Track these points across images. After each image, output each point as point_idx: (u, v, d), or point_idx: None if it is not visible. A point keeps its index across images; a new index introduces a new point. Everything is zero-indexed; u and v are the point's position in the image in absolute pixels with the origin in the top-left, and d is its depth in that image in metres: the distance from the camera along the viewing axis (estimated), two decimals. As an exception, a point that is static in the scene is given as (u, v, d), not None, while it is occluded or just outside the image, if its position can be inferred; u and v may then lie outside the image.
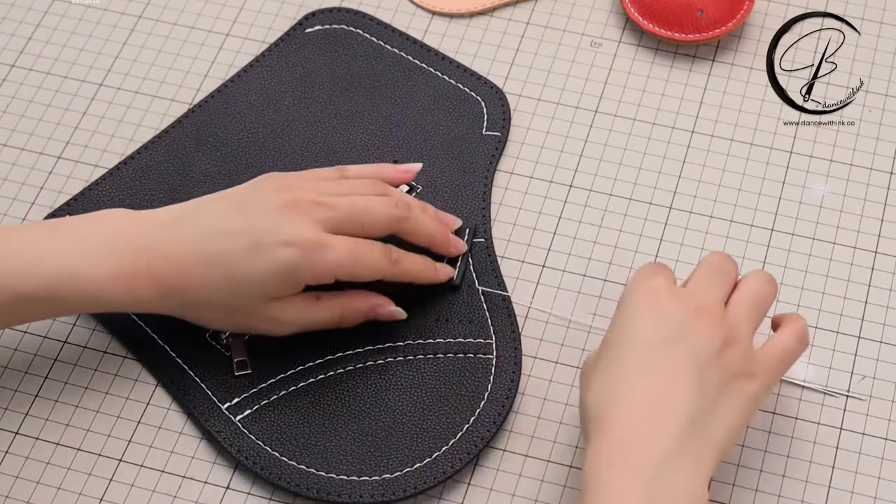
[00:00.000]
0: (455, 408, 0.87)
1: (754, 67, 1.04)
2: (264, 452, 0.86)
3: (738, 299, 0.82)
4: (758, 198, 0.98)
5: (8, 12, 1.08)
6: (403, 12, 1.07)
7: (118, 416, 0.89)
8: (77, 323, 0.93)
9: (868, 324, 0.92)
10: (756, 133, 1.01)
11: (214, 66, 1.05)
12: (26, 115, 1.03)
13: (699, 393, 0.77)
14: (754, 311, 0.82)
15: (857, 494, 0.86)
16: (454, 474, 0.85)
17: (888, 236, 0.96)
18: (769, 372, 0.80)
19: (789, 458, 0.87)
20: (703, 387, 0.77)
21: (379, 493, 0.84)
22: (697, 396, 0.77)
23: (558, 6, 1.07)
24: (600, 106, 1.02)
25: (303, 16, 1.06)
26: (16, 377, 0.91)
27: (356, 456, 0.86)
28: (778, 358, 0.81)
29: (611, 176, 0.99)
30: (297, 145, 0.99)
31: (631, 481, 0.74)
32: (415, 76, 1.03)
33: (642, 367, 0.78)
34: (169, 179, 0.97)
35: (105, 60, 1.06)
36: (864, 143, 1.00)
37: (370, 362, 0.89)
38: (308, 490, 0.85)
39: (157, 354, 0.90)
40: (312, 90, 1.02)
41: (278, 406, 0.88)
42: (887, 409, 0.89)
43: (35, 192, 0.99)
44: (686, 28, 1.03)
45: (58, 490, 0.87)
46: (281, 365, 0.89)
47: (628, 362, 0.78)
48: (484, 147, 0.99)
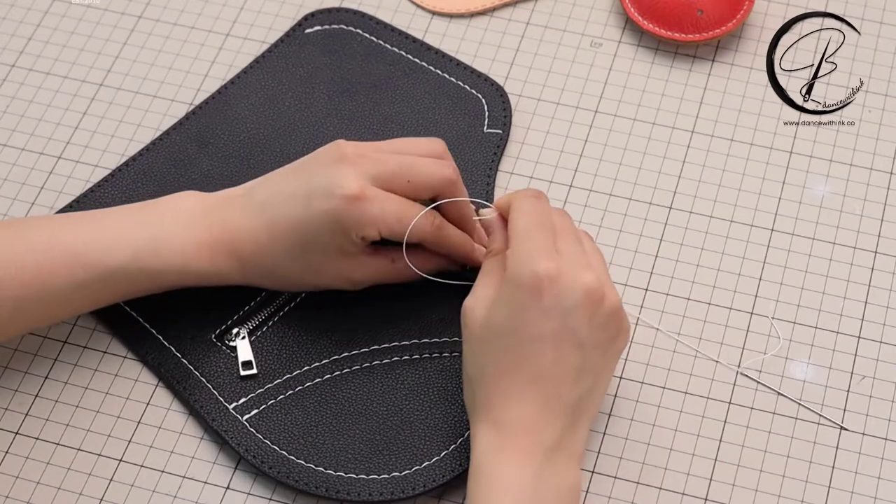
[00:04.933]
0: (461, 407, 0.87)
1: (754, 67, 1.04)
2: (272, 451, 0.86)
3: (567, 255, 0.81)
4: (758, 198, 0.98)
5: (8, 12, 1.08)
6: (403, 12, 1.07)
7: (118, 416, 0.89)
8: (77, 323, 0.93)
9: (868, 324, 0.92)
10: (756, 133, 1.01)
11: (214, 66, 1.05)
12: (26, 115, 1.03)
13: (582, 376, 0.80)
14: (578, 246, 0.81)
15: (857, 494, 0.86)
16: (462, 473, 0.85)
17: (888, 236, 0.96)
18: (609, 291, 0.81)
19: (789, 458, 0.87)
20: (585, 368, 0.80)
21: (388, 490, 0.84)
22: (581, 381, 0.80)
23: (558, 6, 1.07)
24: (600, 106, 1.02)
25: (303, 16, 1.06)
26: (16, 377, 0.91)
27: (364, 454, 0.86)
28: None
29: (611, 176, 0.99)
30: (299, 145, 0.99)
31: (522, 471, 0.77)
32: (415, 75, 1.03)
33: (529, 357, 0.79)
34: (171, 181, 0.97)
35: (105, 60, 1.06)
36: (864, 143, 1.00)
37: (376, 362, 0.89)
38: (317, 488, 0.85)
39: (163, 355, 0.90)
40: (313, 90, 1.02)
41: (285, 405, 0.88)
42: (887, 409, 0.89)
43: (35, 192, 0.99)
44: (686, 28, 1.03)
45: (58, 490, 0.86)
46: (287, 365, 0.90)
47: (514, 352, 0.79)
48: (486, 145, 0.99)
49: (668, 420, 0.88)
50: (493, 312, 0.80)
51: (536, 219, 0.81)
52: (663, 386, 0.90)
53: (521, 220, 0.81)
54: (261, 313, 0.92)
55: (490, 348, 0.80)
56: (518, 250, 0.80)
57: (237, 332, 0.91)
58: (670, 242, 0.96)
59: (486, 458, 0.79)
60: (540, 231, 0.81)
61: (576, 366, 0.80)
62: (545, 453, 0.79)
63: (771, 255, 0.95)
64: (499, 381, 0.79)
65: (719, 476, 0.86)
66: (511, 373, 0.79)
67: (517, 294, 0.79)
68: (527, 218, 0.81)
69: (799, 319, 0.92)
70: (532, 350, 0.79)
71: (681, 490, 0.86)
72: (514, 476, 0.78)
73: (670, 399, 0.89)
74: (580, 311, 0.79)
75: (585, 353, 0.80)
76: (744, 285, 0.94)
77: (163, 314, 0.92)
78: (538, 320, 0.79)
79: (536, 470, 0.78)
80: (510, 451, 0.78)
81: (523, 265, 0.79)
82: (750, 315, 0.92)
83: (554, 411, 0.79)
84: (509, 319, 0.79)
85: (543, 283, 0.78)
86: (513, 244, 0.81)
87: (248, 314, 0.91)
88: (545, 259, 0.79)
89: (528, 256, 0.79)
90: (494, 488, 0.78)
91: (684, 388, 0.89)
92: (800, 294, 0.93)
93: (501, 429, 0.79)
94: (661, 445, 0.87)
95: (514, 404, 0.79)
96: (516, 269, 0.79)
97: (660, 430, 0.88)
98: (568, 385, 0.80)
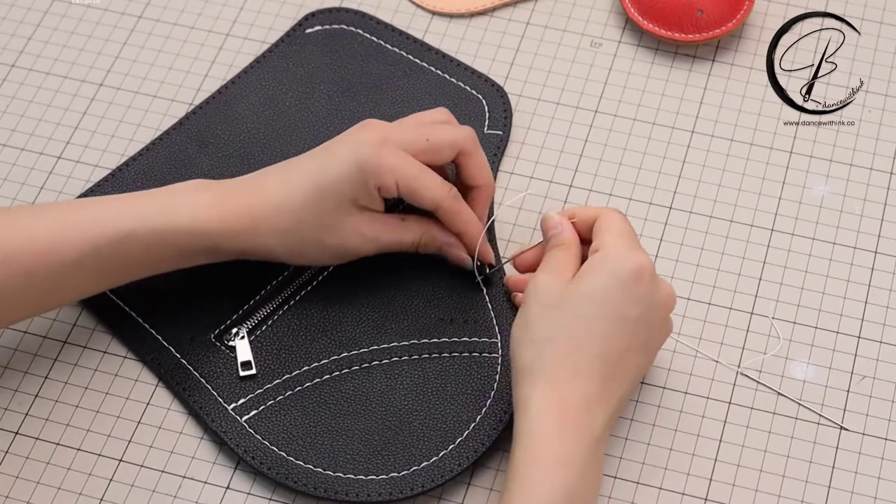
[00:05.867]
0: (461, 407, 0.87)
1: (754, 67, 1.04)
2: (271, 452, 0.86)
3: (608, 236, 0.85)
4: (758, 198, 0.98)
5: (8, 12, 1.08)
6: (403, 12, 1.07)
7: (118, 416, 0.89)
8: (77, 323, 0.93)
9: (868, 324, 0.92)
10: (756, 133, 1.01)
11: (214, 66, 1.05)
12: (26, 115, 1.03)
13: (637, 374, 0.84)
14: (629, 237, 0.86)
15: (856, 494, 0.86)
16: (460, 473, 0.85)
17: (888, 236, 0.96)
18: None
19: (789, 458, 0.87)
20: (640, 366, 0.84)
21: (386, 491, 0.84)
22: (636, 377, 0.84)
23: (558, 6, 1.07)
24: (600, 106, 1.02)
25: (303, 16, 1.06)
26: (16, 377, 0.91)
27: (363, 455, 0.86)
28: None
29: (611, 176, 0.99)
30: (300, 145, 0.99)
31: (577, 446, 0.79)
32: (416, 75, 1.03)
33: (606, 334, 0.82)
34: (171, 181, 0.97)
35: (105, 60, 1.06)
36: (864, 143, 1.00)
37: (375, 362, 0.89)
38: (315, 489, 0.85)
39: (162, 355, 0.90)
40: (314, 90, 1.02)
41: (284, 406, 0.88)
42: (887, 409, 0.89)
43: (35, 192, 0.99)
44: (686, 28, 1.03)
45: (58, 490, 0.86)
46: (287, 365, 0.90)
47: (595, 325, 0.82)
48: (486, 146, 0.99)
49: (668, 420, 0.88)
50: (581, 287, 0.82)
51: (629, 227, 0.86)
52: (663, 386, 0.90)
53: (618, 223, 0.86)
54: (260, 311, 0.92)
55: (568, 318, 0.82)
56: (620, 243, 0.84)
57: (236, 332, 0.91)
58: (670, 242, 0.96)
59: (541, 425, 0.80)
60: (634, 236, 0.86)
61: (637, 361, 0.83)
62: (595, 436, 0.80)
63: (771, 255, 0.95)
64: (570, 353, 0.81)
65: (719, 476, 0.86)
66: (583, 347, 0.81)
67: (617, 276, 0.82)
68: (624, 223, 0.86)
69: (799, 319, 0.92)
70: (612, 327, 0.82)
71: (681, 490, 0.86)
72: (570, 451, 0.79)
73: (670, 399, 0.89)
74: (661, 310, 0.84)
75: (646, 353, 0.84)
76: (744, 285, 0.94)
77: (163, 314, 0.92)
78: (628, 303, 0.82)
79: (588, 450, 0.80)
80: (569, 424, 0.80)
81: (628, 255, 0.83)
82: (750, 315, 0.92)
83: (610, 396, 0.82)
84: (602, 293, 0.82)
85: (644, 274, 0.82)
86: (614, 238, 0.85)
87: (248, 312, 0.92)
88: (646, 257, 0.83)
89: (632, 250, 0.84)
90: (550, 459, 0.79)
91: (684, 388, 0.89)
92: (800, 294, 0.93)
93: (564, 399, 0.80)
94: (661, 445, 0.87)
95: (581, 379, 0.81)
96: (621, 254, 0.83)
97: (660, 430, 0.88)
98: (626, 375, 0.83)
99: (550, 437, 0.79)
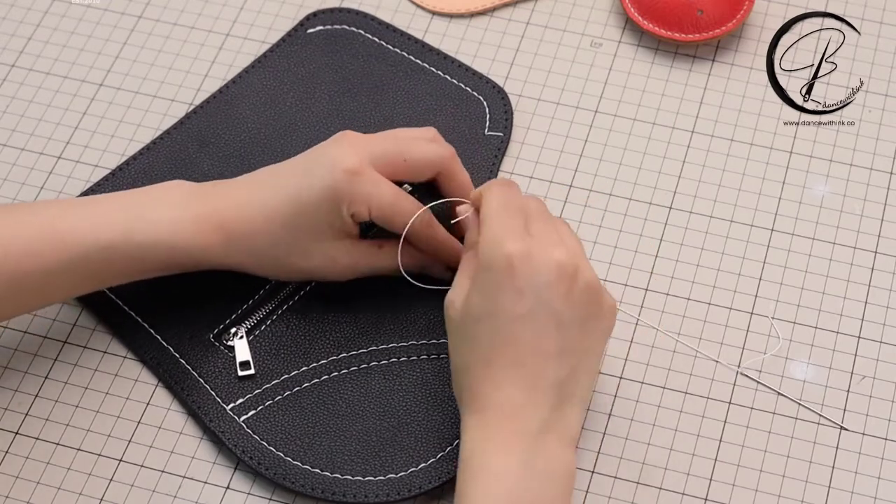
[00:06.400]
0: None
1: (754, 67, 1.04)
2: (269, 453, 0.86)
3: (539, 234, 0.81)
4: (758, 198, 0.98)
5: (8, 12, 1.08)
6: (403, 12, 1.07)
7: (118, 416, 0.89)
8: (77, 323, 0.93)
9: (868, 324, 0.92)
10: (756, 133, 1.01)
11: (214, 66, 1.05)
12: (26, 115, 1.03)
13: (564, 355, 0.80)
14: (552, 226, 0.82)
15: (856, 494, 0.86)
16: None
17: (888, 236, 0.96)
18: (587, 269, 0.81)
19: (789, 458, 0.87)
20: (566, 346, 0.80)
21: (384, 492, 0.84)
22: (563, 360, 0.79)
23: (558, 6, 1.07)
24: (600, 106, 1.02)
25: (304, 16, 1.06)
26: (16, 377, 0.91)
27: (361, 456, 0.86)
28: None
29: (611, 176, 0.99)
30: (300, 145, 0.98)
31: (508, 457, 0.77)
32: (416, 76, 1.03)
33: (509, 340, 0.79)
34: (171, 181, 0.97)
35: (105, 60, 1.06)
36: (864, 143, 1.00)
37: (374, 363, 0.89)
38: (313, 490, 0.85)
39: (162, 355, 0.90)
40: (314, 90, 1.02)
41: (283, 407, 0.88)
42: (887, 409, 0.89)
43: (35, 192, 0.99)
44: (686, 28, 1.03)
45: (58, 490, 0.87)
46: (285, 365, 0.90)
47: (494, 337, 0.79)
48: (486, 148, 0.99)
49: (668, 420, 0.88)
50: (470, 300, 0.80)
51: (504, 202, 0.82)
52: (663, 386, 0.90)
53: (489, 205, 0.82)
54: (259, 311, 0.92)
55: (471, 337, 0.80)
56: (488, 234, 0.81)
57: (235, 332, 0.91)
58: (670, 242, 0.96)
59: (472, 448, 0.79)
60: (508, 214, 0.81)
61: (556, 344, 0.79)
62: (532, 438, 0.78)
63: (771, 255, 0.95)
64: (482, 370, 0.79)
65: (719, 476, 0.86)
66: (493, 359, 0.79)
67: (490, 277, 0.79)
68: (496, 203, 0.82)
69: (799, 319, 0.92)
70: (511, 331, 0.79)
71: (681, 490, 0.86)
72: (500, 463, 0.77)
73: (670, 399, 0.89)
74: (554, 288, 0.79)
75: (564, 331, 0.80)
76: (744, 285, 0.94)
77: (162, 314, 0.92)
78: (513, 301, 0.79)
79: (523, 455, 0.78)
80: (496, 438, 0.78)
81: (494, 247, 0.80)
82: (750, 315, 0.92)
83: (538, 393, 0.79)
84: (485, 303, 0.79)
85: (514, 263, 0.79)
86: (482, 229, 0.81)
87: (247, 312, 0.92)
88: (514, 239, 0.79)
89: (498, 238, 0.80)
90: (480, 477, 0.77)
91: (684, 388, 0.89)
92: (800, 294, 0.93)
93: (487, 416, 0.79)
94: (661, 445, 0.87)
95: (499, 390, 0.79)
96: (487, 251, 0.80)
97: (660, 430, 0.88)
98: (550, 365, 0.79)
99: (480, 455, 0.78)
